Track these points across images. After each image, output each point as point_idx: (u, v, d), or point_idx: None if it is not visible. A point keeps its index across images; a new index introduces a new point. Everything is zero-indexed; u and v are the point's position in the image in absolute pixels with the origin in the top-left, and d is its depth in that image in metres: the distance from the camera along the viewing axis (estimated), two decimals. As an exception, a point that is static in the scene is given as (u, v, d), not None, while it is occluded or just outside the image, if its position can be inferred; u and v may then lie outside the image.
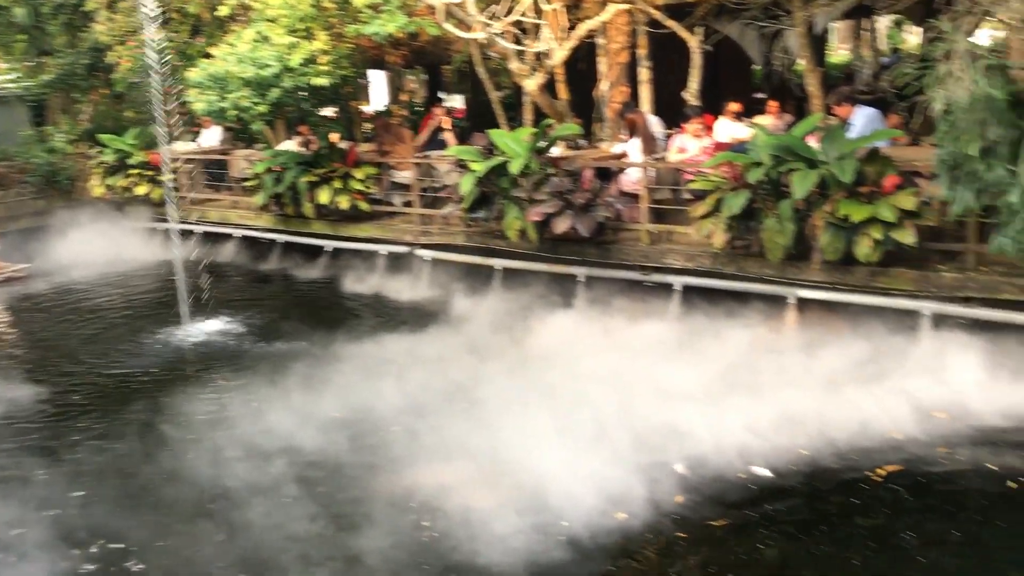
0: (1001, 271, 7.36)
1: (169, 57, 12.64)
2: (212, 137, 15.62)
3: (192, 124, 15.74)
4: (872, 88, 14.94)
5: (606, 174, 10.29)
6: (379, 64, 16.17)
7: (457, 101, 19.59)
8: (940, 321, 7.56)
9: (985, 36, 8.56)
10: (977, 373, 7.06)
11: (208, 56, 12.45)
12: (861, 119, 8.67)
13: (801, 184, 7.77)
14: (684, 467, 6.26)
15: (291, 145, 13.20)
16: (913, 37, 20.28)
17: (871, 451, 6.29)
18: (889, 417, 6.67)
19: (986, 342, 7.28)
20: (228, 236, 14.11)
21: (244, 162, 14.23)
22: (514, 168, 9.69)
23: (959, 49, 6.65)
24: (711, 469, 6.21)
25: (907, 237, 7.48)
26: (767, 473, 6.11)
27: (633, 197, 9.77)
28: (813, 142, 8.25)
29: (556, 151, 10.50)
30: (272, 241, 13.40)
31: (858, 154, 7.88)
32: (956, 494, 5.77)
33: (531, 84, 11.61)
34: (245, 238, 13.90)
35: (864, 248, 7.65)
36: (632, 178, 9.94)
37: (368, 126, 16.15)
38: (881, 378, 7.23)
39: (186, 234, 13.32)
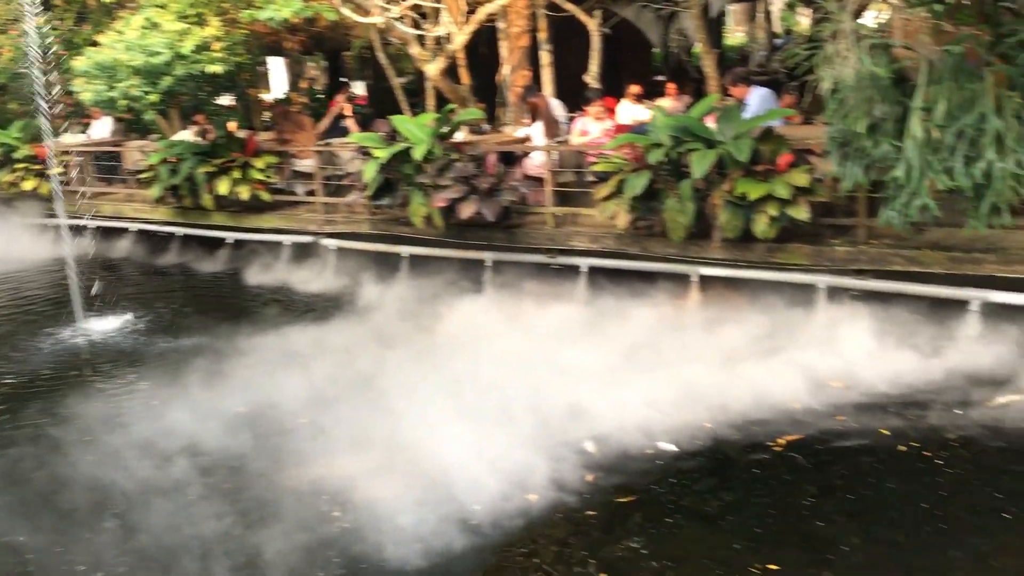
0: (890, 243, 7.64)
1: (53, 46, 12.12)
2: (103, 129, 15.05)
3: (81, 115, 15.16)
4: (766, 69, 15.31)
5: (510, 158, 10.29)
6: (277, 50, 15.81)
7: (359, 87, 19.31)
8: (834, 294, 7.82)
9: (870, 16, 8.84)
10: (869, 343, 7.32)
11: (95, 44, 11.99)
12: (756, 99, 8.89)
13: (700, 164, 7.91)
14: (593, 446, 6.34)
15: (187, 135, 12.81)
16: (805, 19, 20.85)
17: (771, 422, 6.46)
18: (788, 388, 6.86)
19: (877, 312, 7.57)
20: (124, 230, 13.64)
21: (138, 153, 13.76)
22: (417, 154, 9.61)
23: (845, 29, 6.85)
24: (619, 446, 6.29)
25: (801, 213, 7.69)
26: (672, 448, 6.22)
27: (537, 181, 9.81)
28: (710, 123, 8.41)
29: (459, 136, 10.46)
30: (170, 234, 13.02)
31: (753, 133, 8.06)
32: (851, 460, 5.97)
33: (432, 69, 11.52)
34: (142, 232, 13.47)
35: (761, 225, 7.84)
36: (536, 162, 9.98)
37: (268, 114, 15.80)
38: (780, 351, 7.43)
39: (78, 230, 12.82)
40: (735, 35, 23.20)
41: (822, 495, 5.58)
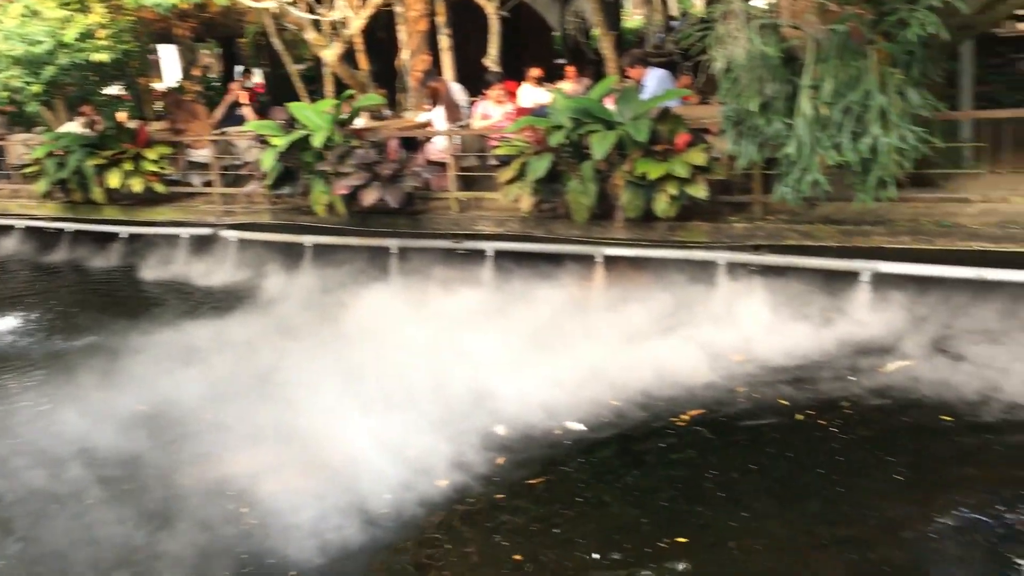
0: (785, 219, 7.85)
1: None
2: (-17, 122, 14.34)
3: (-41, 108, 14.39)
4: (662, 50, 15.54)
5: (412, 144, 10.21)
6: (167, 37, 15.30)
7: (256, 75, 18.85)
8: (734, 269, 8.00)
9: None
10: (767, 316, 7.52)
11: (-31, 33, 11.37)
12: (653, 80, 9.00)
13: (600, 145, 7.97)
14: (503, 429, 6.35)
15: (74, 126, 12.29)
16: (700, 0, 21.22)
17: (676, 398, 6.57)
18: (691, 364, 6.99)
19: (775, 286, 7.78)
20: (9, 228, 13.04)
21: (22, 147, 13.16)
22: (316, 141, 9.44)
23: (735, 10, 6.99)
24: (528, 429, 6.32)
25: (700, 191, 7.83)
26: (580, 427, 6.28)
27: (440, 166, 9.75)
28: (610, 104, 8.48)
29: (359, 122, 10.32)
30: (60, 230, 12.49)
31: (651, 114, 8.16)
32: (753, 430, 6.13)
33: (329, 55, 11.32)
34: (29, 229, 12.89)
35: (662, 204, 7.95)
36: (438, 147, 9.91)
37: (161, 103, 15.29)
38: (683, 327, 7.56)
39: (-39, 229, 12.23)
40: (632, 17, 23.47)
41: (726, 467, 5.71)
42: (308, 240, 10.22)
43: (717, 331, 7.41)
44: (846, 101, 6.69)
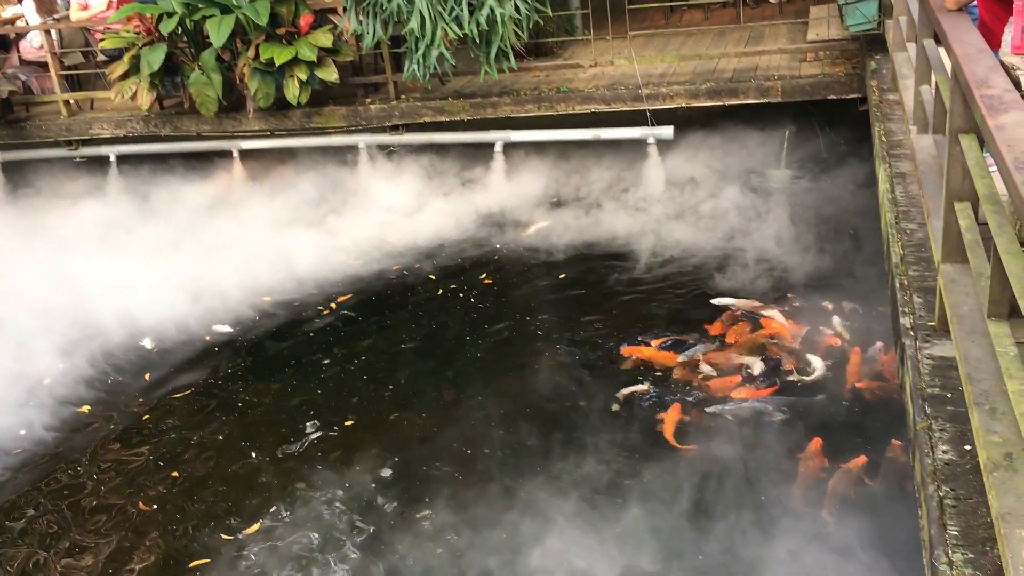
0: (418, 97, 7.88)
1: None
2: None
3: None
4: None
5: (2, 43, 8.91)
6: None
7: None
8: (374, 152, 7.97)
9: None
10: (412, 195, 7.62)
11: None
12: (266, -41, 8.48)
13: (218, 31, 7.43)
14: (151, 343, 6.00)
15: None
16: None
17: (326, 287, 6.53)
18: (346, 250, 6.95)
19: (416, 164, 7.88)
20: None
21: None
22: None
23: None
24: (176, 340, 6.02)
25: (330, 74, 7.61)
26: (228, 329, 6.05)
27: (41, 65, 8.64)
28: (224, -14, 7.91)
29: (-71, 21, 8.81)
30: None
31: (269, -6, 7.73)
32: (401, 307, 6.24)
33: None
34: None
35: (292, 90, 7.64)
36: (33, 44, 8.75)
37: None
38: (330, 215, 7.48)
39: None
40: None
41: (378, 345, 5.80)
42: None
43: (364, 215, 7.40)
44: (460, -27, 6.74)
